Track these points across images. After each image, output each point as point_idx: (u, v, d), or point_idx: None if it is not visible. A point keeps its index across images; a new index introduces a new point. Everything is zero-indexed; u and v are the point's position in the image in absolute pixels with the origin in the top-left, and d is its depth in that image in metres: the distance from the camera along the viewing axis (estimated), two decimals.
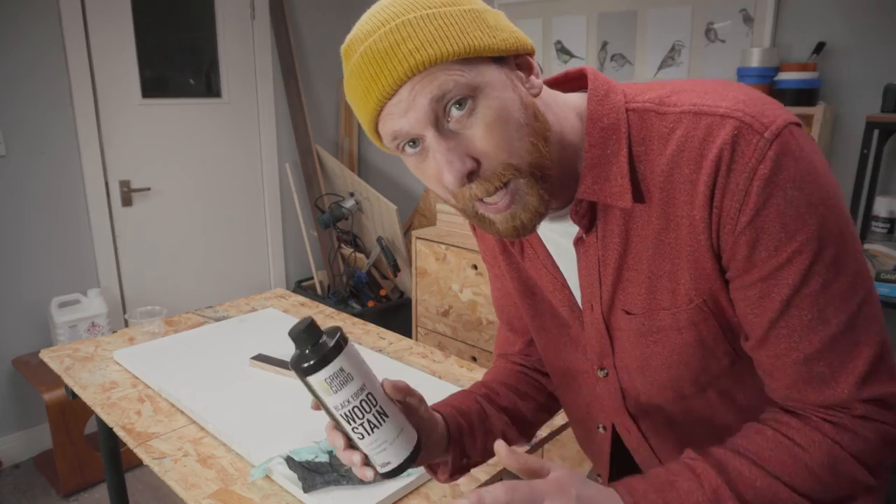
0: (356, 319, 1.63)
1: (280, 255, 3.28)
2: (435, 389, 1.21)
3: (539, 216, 0.64)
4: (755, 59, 1.89)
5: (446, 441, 0.78)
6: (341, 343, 0.64)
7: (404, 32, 0.58)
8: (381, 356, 1.36)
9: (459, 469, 0.80)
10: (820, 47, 1.84)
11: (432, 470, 0.81)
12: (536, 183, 0.62)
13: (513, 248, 0.80)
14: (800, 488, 0.60)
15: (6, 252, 2.37)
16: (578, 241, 0.71)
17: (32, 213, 2.41)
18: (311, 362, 0.62)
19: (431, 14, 0.58)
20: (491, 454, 0.83)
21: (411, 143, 0.62)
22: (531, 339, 0.92)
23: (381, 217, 2.88)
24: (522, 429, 0.89)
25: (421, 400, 0.74)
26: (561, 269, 0.76)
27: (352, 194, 2.99)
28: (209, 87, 2.93)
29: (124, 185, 2.67)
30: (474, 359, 2.31)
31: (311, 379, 0.63)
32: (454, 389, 1.20)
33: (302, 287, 3.26)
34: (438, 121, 0.59)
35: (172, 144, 2.80)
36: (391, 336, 1.52)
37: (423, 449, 0.71)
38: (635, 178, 0.64)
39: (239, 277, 3.15)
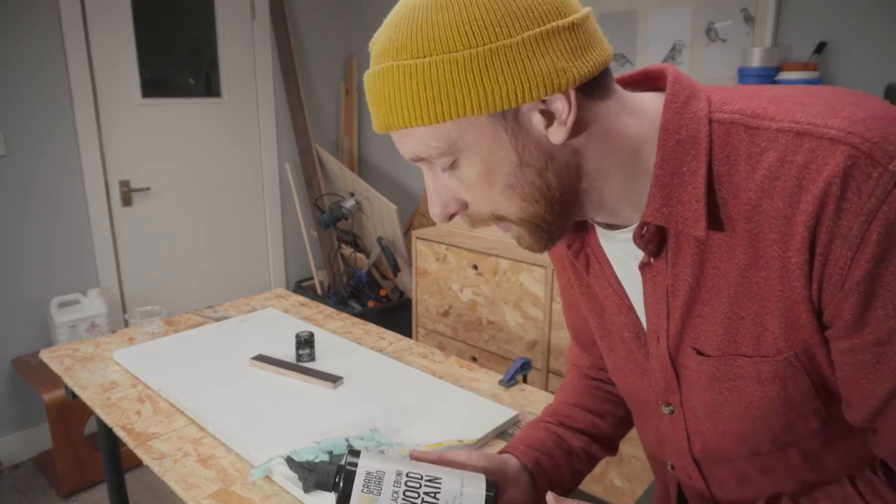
0: (356, 319, 1.63)
1: (280, 255, 3.28)
2: (435, 389, 1.20)
3: (546, 244, 0.60)
4: (756, 59, 1.89)
5: (528, 477, 0.76)
6: (351, 459, 0.66)
7: (388, 83, 0.54)
8: (382, 356, 1.36)
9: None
10: (821, 47, 1.83)
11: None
12: (529, 228, 0.59)
13: (577, 262, 0.72)
14: None
15: (6, 252, 2.37)
16: (645, 266, 0.62)
17: (32, 213, 2.41)
18: (339, 492, 0.65)
19: (418, 66, 0.52)
20: (582, 472, 0.82)
21: None
22: (601, 354, 0.85)
23: (381, 217, 2.88)
24: (605, 445, 0.86)
25: (466, 455, 0.72)
26: (627, 291, 0.68)
27: (352, 194, 2.99)
28: (209, 87, 2.92)
29: (124, 185, 2.67)
30: (474, 359, 2.31)
31: (354, 499, 0.65)
32: (454, 389, 1.20)
33: (302, 287, 3.26)
34: (427, 162, 0.58)
35: (172, 144, 2.80)
36: (391, 336, 1.52)
37: (499, 482, 0.71)
38: (714, 202, 0.55)
39: (239, 277, 3.15)
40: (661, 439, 0.73)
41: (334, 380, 1.22)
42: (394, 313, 2.94)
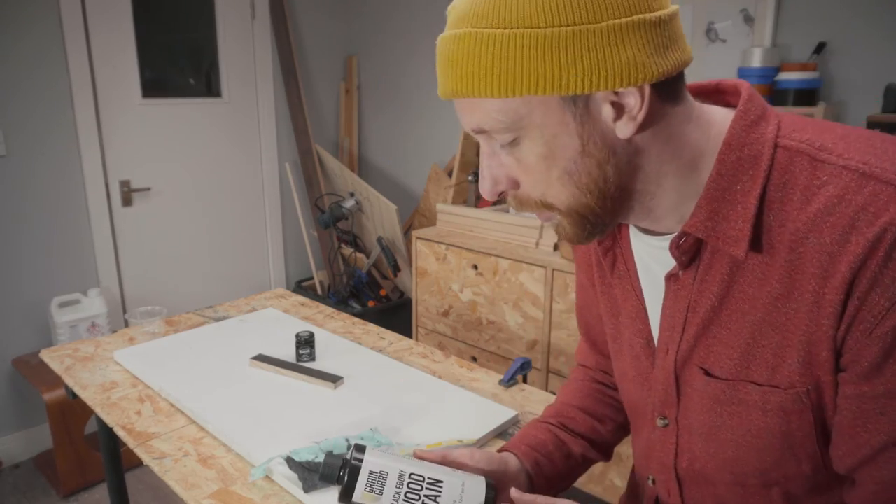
0: (356, 319, 1.63)
1: (280, 255, 3.28)
2: (435, 389, 1.20)
3: (587, 237, 0.59)
4: (756, 59, 1.89)
5: (526, 477, 0.77)
6: (357, 455, 0.67)
7: (462, 49, 0.52)
8: (382, 356, 1.36)
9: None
10: (820, 47, 1.84)
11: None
12: (573, 219, 0.57)
13: (604, 260, 0.72)
14: None
15: (6, 252, 2.37)
16: (671, 277, 0.62)
17: (32, 213, 2.41)
18: (341, 489, 0.66)
19: (497, 36, 0.51)
20: (576, 475, 0.83)
21: None
22: (609, 354, 0.85)
23: (381, 217, 2.88)
24: (602, 451, 0.86)
25: (469, 455, 0.73)
26: (647, 298, 0.68)
27: (352, 194, 2.99)
28: (209, 87, 2.93)
29: (124, 184, 2.67)
30: (474, 359, 2.31)
31: (356, 498, 0.65)
32: (454, 389, 1.20)
33: (302, 287, 3.26)
34: (487, 134, 0.57)
35: (172, 144, 2.80)
36: (391, 336, 1.52)
37: (498, 483, 0.72)
38: (760, 225, 0.54)
39: (239, 277, 3.15)
40: (650, 451, 0.73)
41: (334, 380, 1.22)
42: (394, 313, 2.94)
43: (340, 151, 3.45)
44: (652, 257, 0.65)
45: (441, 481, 0.66)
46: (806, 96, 1.81)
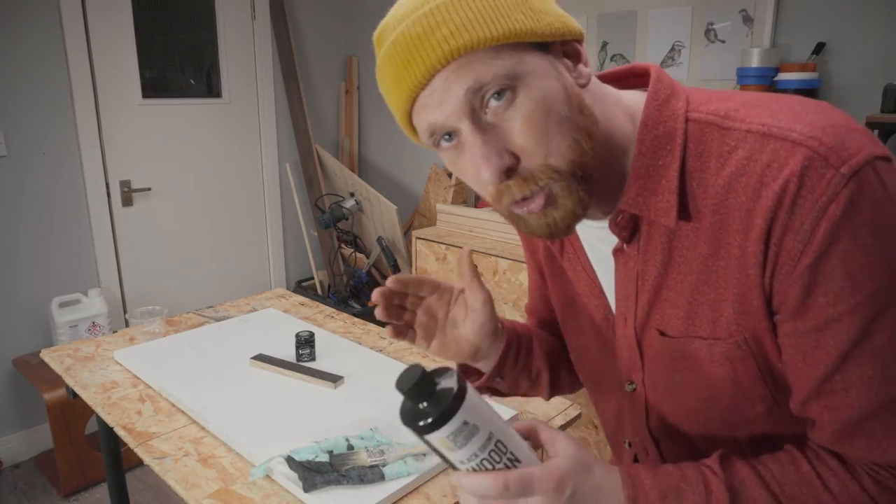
0: (356, 319, 1.64)
1: (280, 255, 3.28)
2: None
3: (575, 217, 0.59)
4: (755, 60, 1.89)
5: (497, 351, 0.78)
6: (462, 392, 0.55)
7: (439, 16, 0.54)
8: (382, 356, 1.37)
9: (488, 385, 0.80)
10: (820, 47, 1.84)
11: (465, 371, 0.81)
12: (576, 184, 0.57)
13: (553, 246, 0.77)
14: None
15: (6, 252, 2.37)
16: (618, 252, 0.66)
17: (33, 213, 2.41)
18: (430, 420, 0.54)
19: None
20: (517, 391, 0.85)
21: (447, 137, 0.58)
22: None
23: (382, 217, 2.89)
24: (551, 384, 0.87)
25: (484, 299, 0.76)
26: (599, 275, 0.72)
27: (352, 194, 2.99)
28: (209, 87, 2.93)
29: (125, 185, 2.67)
30: None
31: (431, 437, 0.55)
32: None
33: (302, 287, 3.26)
34: (475, 113, 0.55)
35: (173, 145, 2.81)
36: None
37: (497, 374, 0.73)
38: (684, 195, 0.59)
39: (239, 277, 3.16)
40: (622, 417, 0.77)
41: (334, 380, 1.22)
42: None
43: (340, 151, 3.46)
44: (596, 237, 0.70)
45: (520, 461, 0.58)
46: (805, 97, 1.81)
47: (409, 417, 0.56)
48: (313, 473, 0.90)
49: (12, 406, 2.48)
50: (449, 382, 0.56)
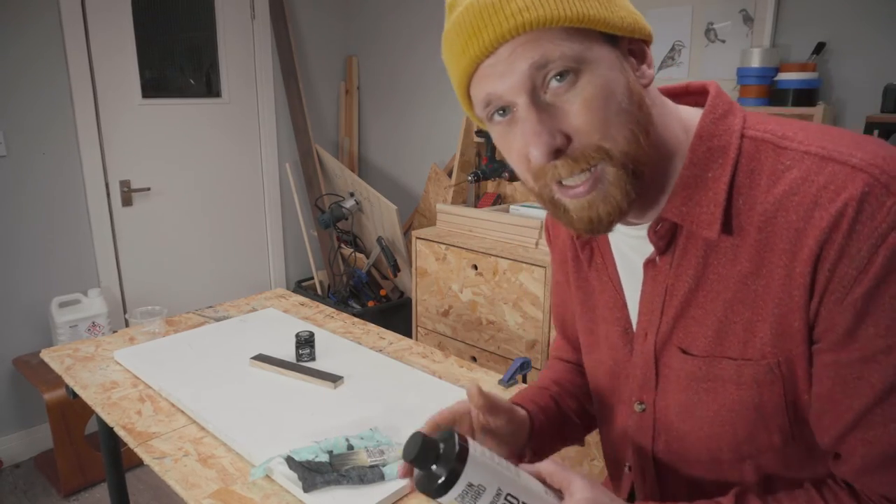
0: (356, 319, 1.64)
1: (280, 255, 3.28)
2: (435, 389, 1.21)
3: (620, 213, 0.58)
4: (755, 60, 1.89)
5: (527, 436, 0.78)
6: (463, 455, 0.57)
7: None
8: (382, 356, 1.37)
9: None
10: (820, 47, 1.84)
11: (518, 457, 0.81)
12: (626, 176, 0.56)
13: (582, 253, 0.75)
14: None
15: (6, 252, 2.37)
16: (649, 263, 0.65)
17: (32, 213, 2.41)
18: (437, 484, 0.57)
19: None
20: (563, 446, 0.85)
21: (501, 112, 0.58)
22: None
23: (381, 217, 2.89)
24: (585, 427, 0.88)
25: (509, 418, 0.74)
26: (624, 286, 0.71)
27: (352, 194, 2.99)
28: (209, 87, 2.93)
29: (124, 185, 2.67)
30: (474, 359, 2.31)
31: (443, 500, 0.58)
32: (454, 389, 1.20)
33: (302, 287, 3.26)
34: (535, 90, 0.55)
35: (172, 144, 2.81)
36: (391, 336, 1.52)
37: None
38: (730, 208, 0.58)
39: (239, 277, 3.16)
40: (625, 438, 0.76)
41: (334, 379, 1.22)
42: (394, 313, 2.94)
43: (340, 151, 3.46)
44: (629, 246, 0.69)
45: None
46: (805, 96, 1.81)
47: (422, 484, 0.59)
48: (313, 473, 0.90)
49: (12, 406, 2.48)
50: (450, 446, 0.58)
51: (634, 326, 0.70)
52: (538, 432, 0.79)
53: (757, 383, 0.60)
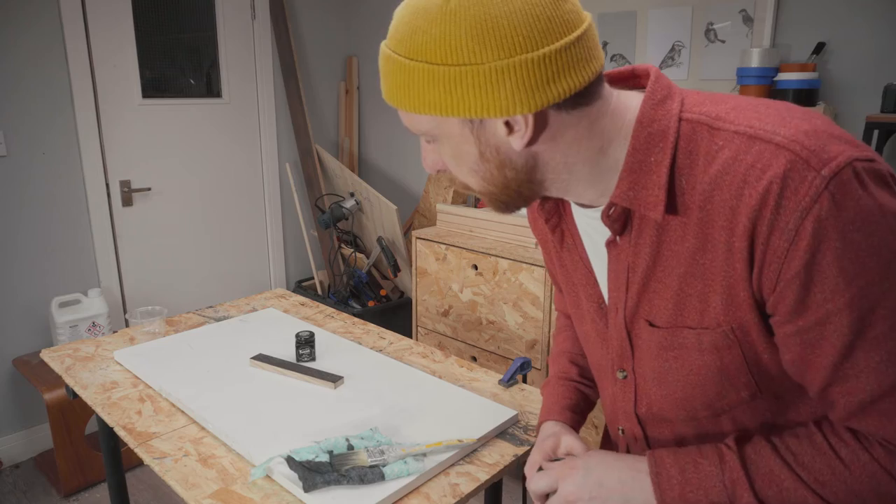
0: (356, 319, 1.64)
1: (280, 255, 3.28)
2: (435, 389, 1.21)
3: (505, 211, 0.70)
4: (755, 60, 1.89)
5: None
6: None
7: (387, 67, 0.63)
8: (382, 356, 1.37)
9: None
10: (820, 47, 1.84)
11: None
12: (492, 200, 0.68)
13: (553, 235, 0.80)
14: (829, 498, 0.60)
15: (6, 252, 2.37)
16: (610, 244, 0.70)
17: (33, 213, 2.41)
18: None
19: (406, 66, 0.60)
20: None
21: None
22: None
23: (382, 217, 2.89)
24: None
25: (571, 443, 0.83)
26: (594, 265, 0.76)
27: (352, 194, 2.99)
28: (209, 87, 2.93)
29: (125, 185, 2.67)
30: (474, 358, 2.31)
31: None
32: (454, 389, 1.20)
33: (302, 287, 3.26)
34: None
35: (173, 144, 2.81)
36: (391, 336, 1.52)
37: None
38: (673, 190, 0.62)
39: (239, 277, 3.16)
40: (615, 403, 0.81)
41: (334, 380, 1.22)
42: (394, 313, 2.94)
43: (340, 151, 3.46)
44: (592, 228, 0.73)
45: None
46: (805, 96, 1.81)
47: None
48: (313, 473, 0.91)
49: (12, 406, 2.48)
50: None
51: (607, 301, 0.75)
52: (578, 427, 0.91)
53: (716, 348, 0.64)
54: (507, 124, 0.61)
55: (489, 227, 2.27)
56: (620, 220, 0.66)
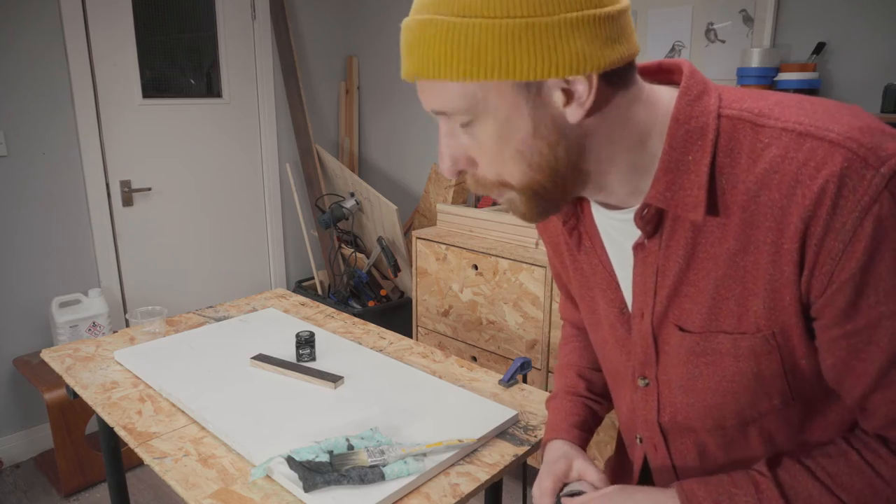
0: (356, 319, 1.64)
1: (280, 255, 3.28)
2: (435, 389, 1.21)
3: (539, 215, 0.63)
4: (755, 60, 1.89)
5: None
6: None
7: (425, 33, 0.56)
8: (382, 356, 1.37)
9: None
10: (820, 48, 1.84)
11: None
12: (528, 197, 0.61)
13: (570, 239, 0.76)
14: None
15: (6, 252, 2.37)
16: (638, 247, 0.66)
17: (33, 213, 2.41)
18: None
19: (457, 24, 0.54)
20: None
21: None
22: None
23: (382, 217, 2.89)
24: (608, 408, 0.94)
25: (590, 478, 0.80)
26: (616, 269, 0.73)
27: (352, 194, 2.99)
28: (210, 87, 2.93)
29: (125, 185, 2.68)
30: (474, 359, 2.31)
31: None
32: (454, 389, 1.20)
33: (302, 287, 3.26)
34: (447, 116, 0.60)
35: (173, 144, 2.81)
36: (391, 336, 1.52)
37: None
38: (713, 190, 0.59)
39: (239, 277, 3.16)
40: (634, 412, 0.78)
41: (334, 380, 1.22)
42: (394, 313, 2.94)
43: (340, 151, 3.46)
44: (616, 230, 0.70)
45: None
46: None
47: None
48: (313, 473, 0.91)
49: (12, 406, 2.48)
50: None
51: (630, 306, 0.72)
52: (586, 445, 0.88)
53: (754, 354, 0.61)
54: (566, 92, 0.57)
55: (489, 227, 2.27)
56: (653, 221, 0.63)
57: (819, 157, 0.53)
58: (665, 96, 0.62)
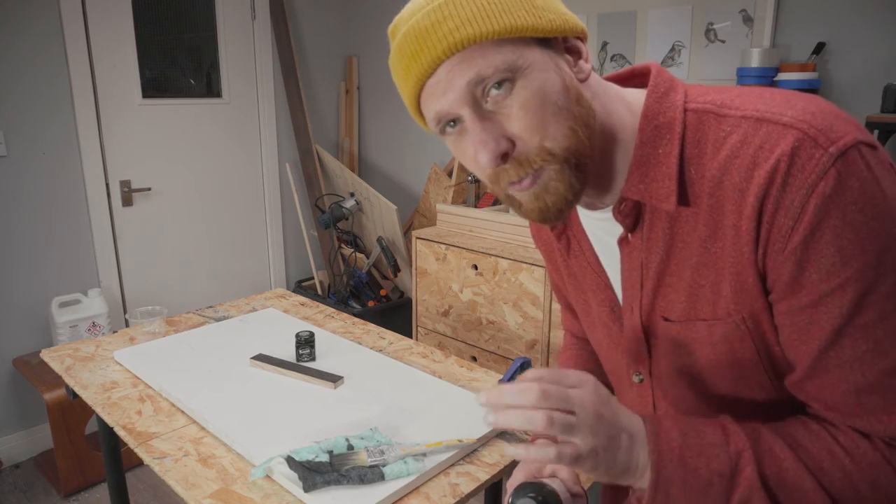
0: (356, 319, 1.64)
1: (280, 255, 3.28)
2: (435, 389, 1.21)
3: (566, 203, 0.62)
4: (755, 60, 1.89)
5: None
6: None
7: (447, 11, 0.58)
8: (382, 356, 1.37)
9: None
10: (820, 47, 1.84)
11: None
12: (569, 170, 0.60)
13: (559, 244, 0.78)
14: (828, 487, 0.57)
15: (6, 252, 2.37)
16: (623, 241, 0.69)
17: (33, 213, 2.41)
18: None
19: None
20: None
21: (451, 123, 0.63)
22: None
23: (382, 217, 2.89)
24: None
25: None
26: (606, 268, 0.74)
27: (352, 194, 2.99)
28: (209, 87, 2.93)
29: (125, 185, 2.67)
30: (474, 359, 2.31)
31: None
32: (454, 389, 1.20)
33: (302, 287, 3.26)
34: (476, 101, 0.60)
35: (173, 145, 2.81)
36: (391, 336, 1.52)
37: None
38: (683, 180, 0.62)
39: (239, 277, 3.16)
40: (632, 408, 0.76)
41: (334, 379, 1.22)
42: (394, 313, 2.94)
43: (340, 151, 3.46)
44: (602, 230, 0.72)
45: None
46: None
47: None
48: (313, 473, 0.91)
49: (12, 406, 2.48)
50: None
51: (621, 302, 0.73)
52: None
53: (727, 340, 0.63)
54: (571, 51, 0.62)
55: (489, 227, 2.27)
56: (632, 215, 0.65)
57: (773, 139, 0.55)
58: (638, 97, 0.66)
